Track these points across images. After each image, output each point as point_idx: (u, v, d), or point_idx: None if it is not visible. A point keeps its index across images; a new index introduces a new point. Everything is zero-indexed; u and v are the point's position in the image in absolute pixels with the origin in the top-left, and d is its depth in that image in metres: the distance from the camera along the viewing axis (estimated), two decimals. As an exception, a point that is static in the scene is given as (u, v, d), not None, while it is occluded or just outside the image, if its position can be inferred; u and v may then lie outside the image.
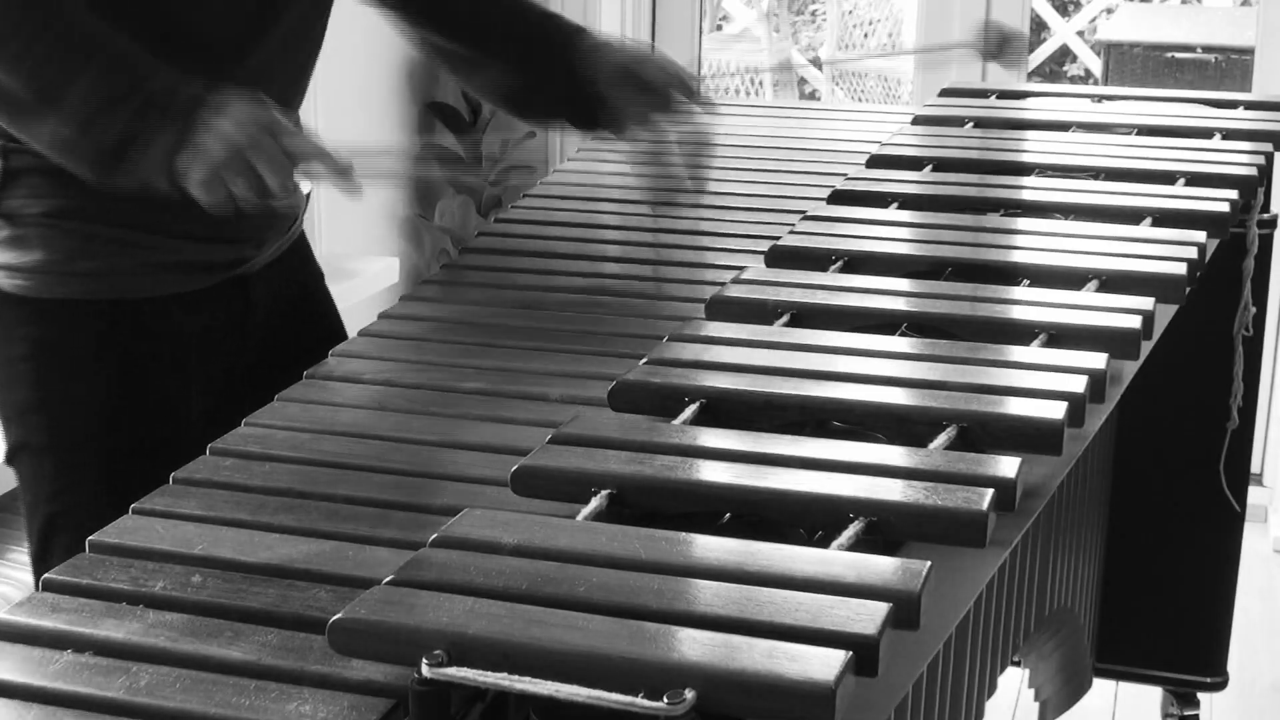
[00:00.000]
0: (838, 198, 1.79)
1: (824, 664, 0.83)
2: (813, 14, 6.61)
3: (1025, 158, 1.94)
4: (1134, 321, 1.38)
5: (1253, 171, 1.85)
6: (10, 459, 1.58)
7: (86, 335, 1.54)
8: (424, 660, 0.85)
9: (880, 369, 1.28)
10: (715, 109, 1.73)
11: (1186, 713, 2.39)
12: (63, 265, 1.52)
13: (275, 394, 1.39)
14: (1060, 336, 1.36)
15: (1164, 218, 1.68)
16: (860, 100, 5.74)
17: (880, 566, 0.95)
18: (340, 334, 1.72)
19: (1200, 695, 2.40)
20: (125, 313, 1.54)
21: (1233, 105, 2.16)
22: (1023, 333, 1.37)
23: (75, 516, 1.12)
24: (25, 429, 1.56)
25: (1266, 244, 2.13)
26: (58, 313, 1.53)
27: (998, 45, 1.75)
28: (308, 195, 2.82)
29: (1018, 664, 2.24)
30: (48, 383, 1.54)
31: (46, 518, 1.52)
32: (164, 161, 1.39)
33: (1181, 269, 1.51)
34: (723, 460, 1.12)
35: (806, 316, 1.43)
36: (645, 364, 1.29)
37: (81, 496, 1.16)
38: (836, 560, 0.97)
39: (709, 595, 0.91)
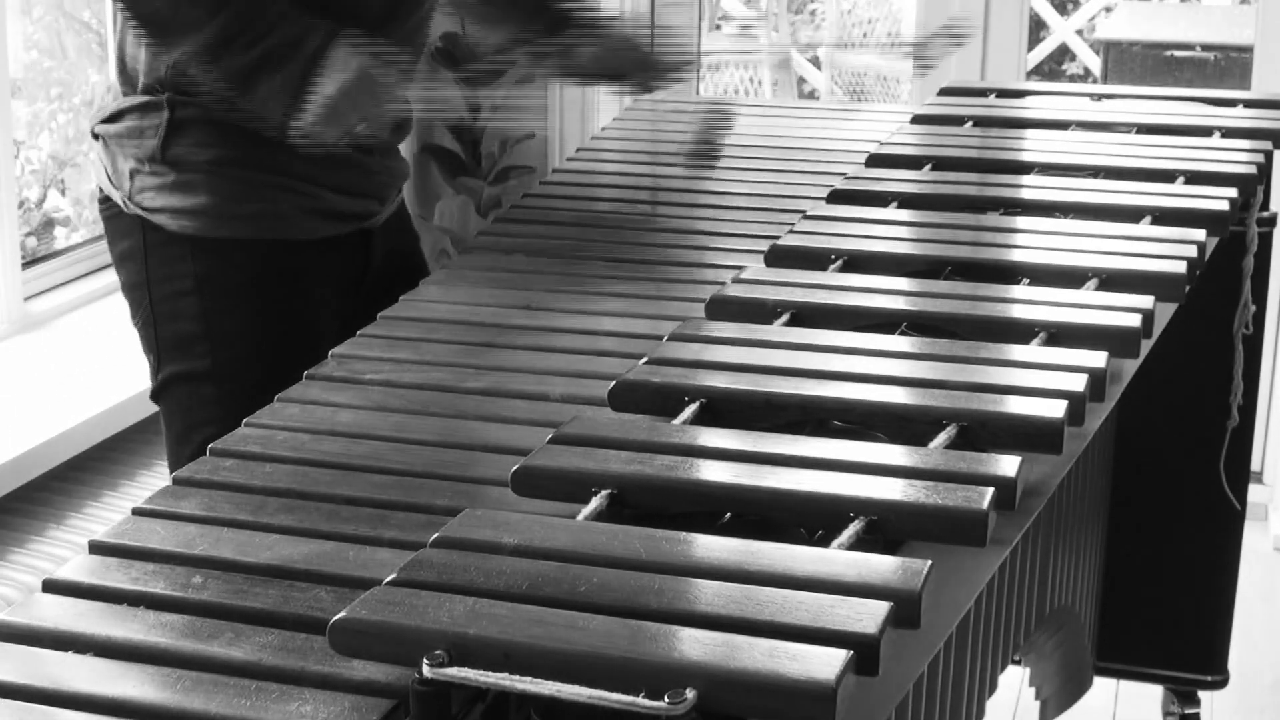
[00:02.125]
0: (837, 197, 1.79)
1: (825, 663, 0.83)
2: (812, 14, 6.61)
3: (1025, 156, 1.94)
4: (1134, 320, 1.38)
5: (1252, 170, 1.85)
6: (160, 392, 1.72)
7: (245, 272, 1.70)
8: (425, 660, 0.85)
9: (880, 368, 1.28)
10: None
11: (1187, 711, 2.39)
12: (225, 208, 1.67)
13: None
14: (1060, 335, 1.36)
15: (1163, 216, 1.68)
16: (859, 100, 5.74)
17: (880, 566, 0.95)
18: None
19: (1201, 693, 2.40)
20: (278, 253, 1.70)
21: (1232, 104, 2.16)
22: (1022, 331, 1.37)
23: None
24: (186, 358, 1.70)
25: (1266, 242, 2.13)
26: (220, 251, 1.68)
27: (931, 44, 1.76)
28: None
29: (1018, 663, 2.24)
30: (210, 315, 1.69)
31: (202, 441, 1.60)
32: (289, 96, 1.54)
33: (1181, 267, 1.51)
34: (723, 460, 1.12)
35: (806, 316, 1.43)
36: (645, 364, 1.29)
37: (236, 421, 1.32)
38: (837, 560, 0.97)
39: (709, 595, 0.91)
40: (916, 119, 2.14)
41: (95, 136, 1.74)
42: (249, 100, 1.57)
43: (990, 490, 1.04)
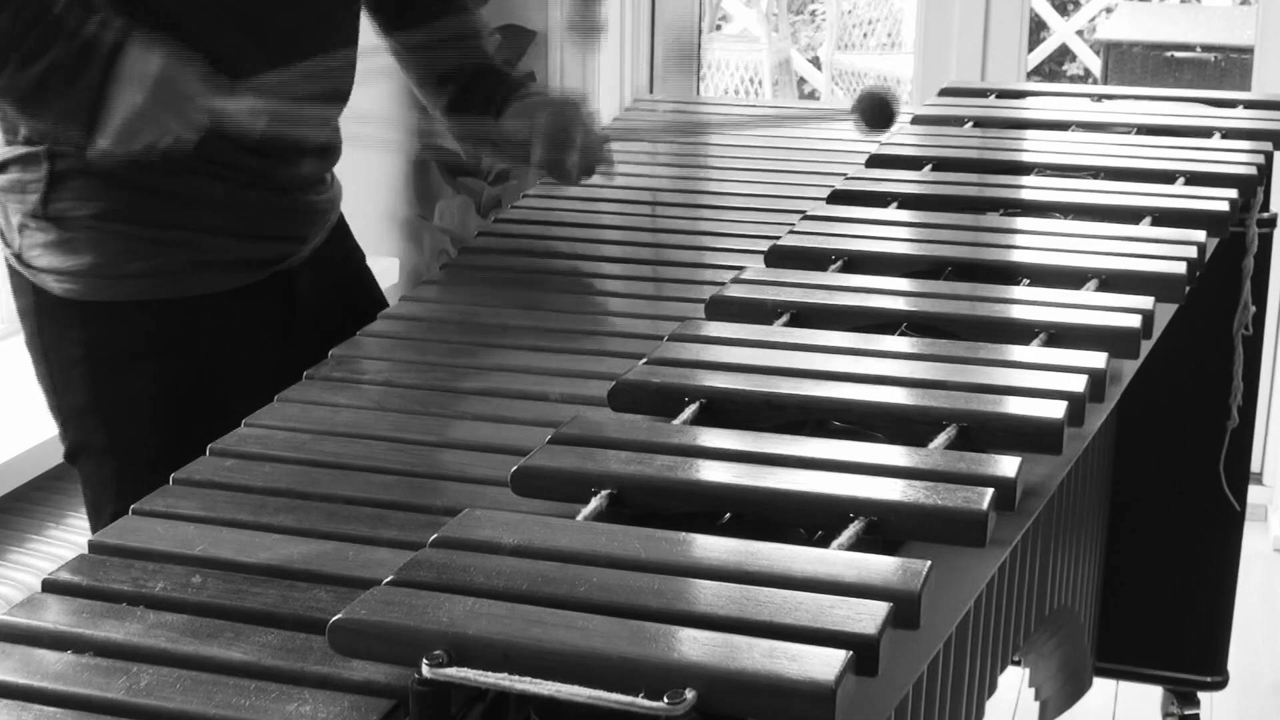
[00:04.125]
0: (837, 197, 1.79)
1: (824, 664, 0.83)
2: (812, 14, 6.61)
3: (1025, 157, 1.93)
4: (1134, 321, 1.38)
5: (1252, 170, 1.85)
6: (71, 459, 1.62)
7: (137, 335, 1.56)
8: (424, 661, 0.85)
9: (880, 369, 1.28)
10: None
11: (1187, 712, 2.39)
12: (111, 268, 1.54)
13: None
14: (1060, 336, 1.36)
15: (1164, 217, 1.68)
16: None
17: (880, 566, 0.95)
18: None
19: (1200, 694, 2.40)
20: (174, 311, 1.57)
21: (1232, 104, 2.16)
22: (1022, 332, 1.37)
23: None
24: (83, 431, 1.58)
25: (1266, 243, 2.13)
26: (108, 314, 1.55)
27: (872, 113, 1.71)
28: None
29: (1018, 663, 2.24)
30: (101, 385, 1.56)
31: (112, 517, 1.54)
32: (84, 111, 1.40)
33: (1181, 268, 1.51)
34: (723, 460, 1.12)
35: (806, 316, 1.43)
36: (645, 364, 1.29)
37: (139, 492, 1.21)
38: (836, 560, 0.97)
39: (709, 595, 0.91)
40: (917, 119, 2.14)
41: None
42: (43, 122, 1.45)
43: (990, 491, 1.04)
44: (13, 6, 1.39)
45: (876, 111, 1.67)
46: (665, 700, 0.81)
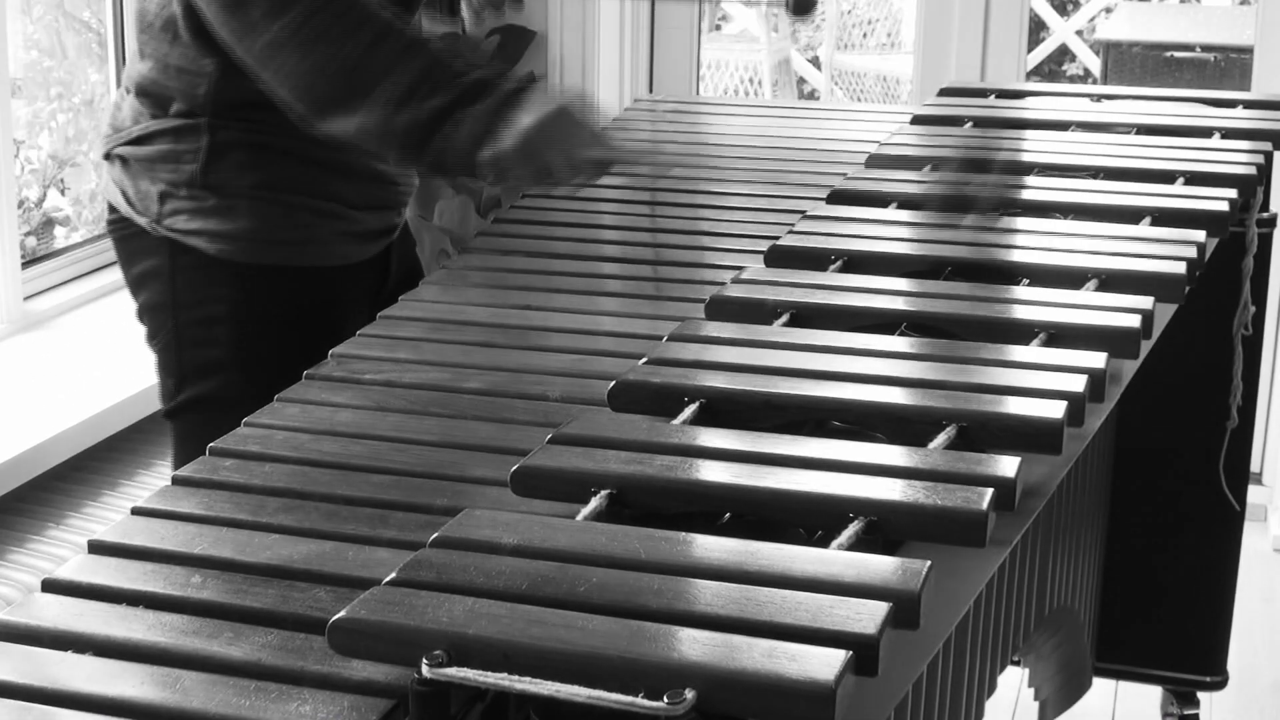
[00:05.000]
0: (837, 197, 1.79)
1: (824, 664, 0.83)
2: (812, 14, 6.60)
3: (1025, 157, 1.93)
4: (1133, 321, 1.38)
5: (1252, 170, 1.85)
6: (176, 413, 1.69)
7: (281, 300, 1.68)
8: (424, 660, 0.85)
9: (880, 369, 1.28)
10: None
11: (1186, 712, 2.39)
12: (266, 233, 1.65)
13: None
14: (1060, 336, 1.36)
15: (1163, 217, 1.68)
16: (860, 100, 5.74)
17: (880, 566, 0.95)
18: None
19: (1200, 694, 2.40)
20: (313, 280, 1.68)
21: (1232, 104, 2.16)
22: (1022, 332, 1.37)
23: None
24: (211, 385, 1.67)
25: (1266, 243, 2.13)
26: (257, 277, 1.66)
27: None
28: None
29: (1018, 663, 2.24)
30: (243, 342, 1.66)
31: None
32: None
33: (1181, 268, 1.51)
34: (723, 460, 1.12)
35: (806, 316, 1.43)
36: (645, 364, 1.29)
37: None
38: (836, 560, 0.97)
39: (709, 595, 0.91)
40: (916, 119, 2.14)
41: (109, 159, 1.71)
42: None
43: (990, 491, 1.04)
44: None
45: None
46: (665, 700, 0.81)
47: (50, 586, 1.04)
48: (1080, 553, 2.02)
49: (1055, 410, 1.19)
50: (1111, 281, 1.49)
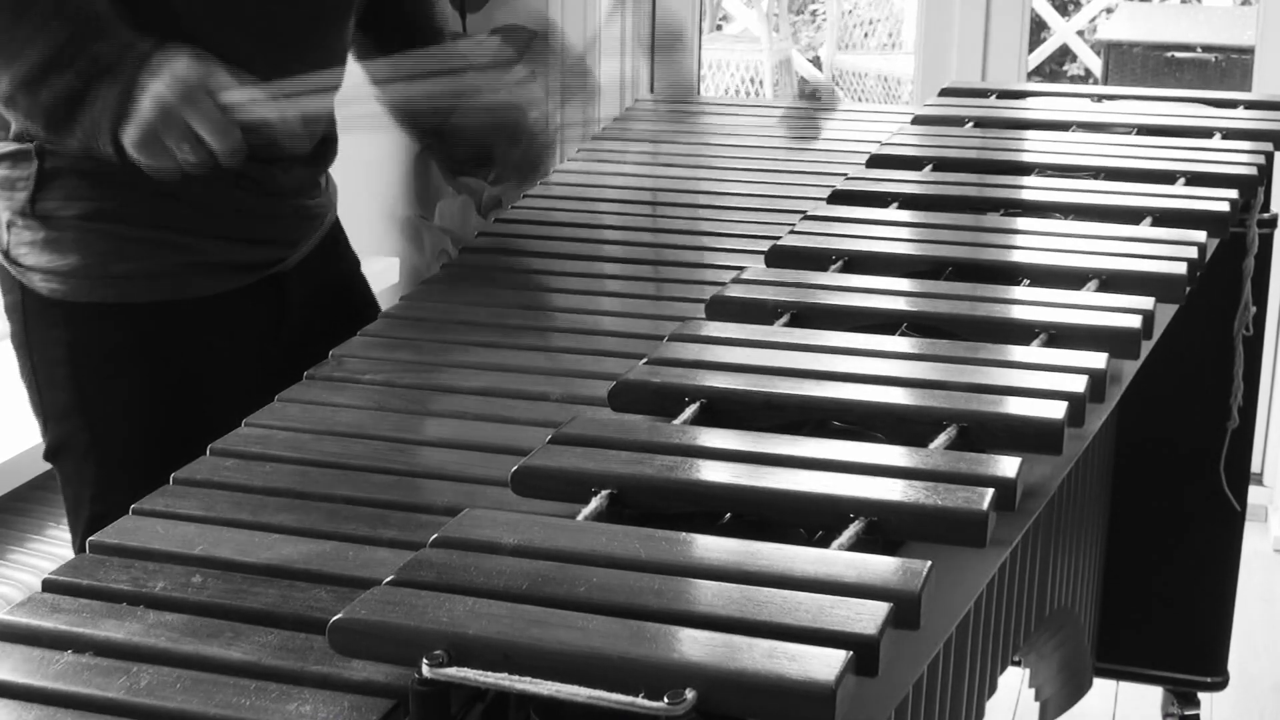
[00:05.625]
0: (838, 198, 1.79)
1: (824, 664, 0.83)
2: (813, 14, 6.61)
3: (1025, 157, 1.93)
4: (1134, 321, 1.38)
5: (1253, 171, 1.85)
6: (51, 457, 1.60)
7: (122, 338, 1.55)
8: (424, 660, 0.85)
9: (880, 369, 1.28)
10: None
11: (1187, 712, 2.39)
12: (97, 269, 1.53)
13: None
14: (1060, 336, 1.36)
15: (1164, 217, 1.68)
16: (860, 100, 5.74)
17: (880, 566, 0.95)
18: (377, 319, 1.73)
19: (1200, 695, 2.40)
20: (160, 316, 1.55)
21: (1233, 105, 2.16)
22: (1023, 332, 1.37)
23: (118, 516, 1.16)
24: (65, 430, 1.57)
25: (1266, 243, 2.13)
26: (93, 315, 1.54)
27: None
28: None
29: (1018, 664, 2.24)
30: (85, 385, 1.55)
31: (90, 518, 1.54)
32: (108, 122, 1.38)
33: (1181, 269, 1.51)
34: (723, 460, 1.12)
35: (806, 316, 1.43)
36: (645, 364, 1.29)
37: (123, 497, 1.19)
38: (836, 560, 0.97)
39: (709, 595, 0.91)
40: (917, 120, 2.14)
41: None
42: (71, 134, 1.41)
43: (990, 491, 1.04)
44: (44, 23, 1.38)
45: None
46: (665, 700, 0.81)
47: (50, 586, 1.04)
48: (1081, 553, 2.02)
49: (1056, 410, 1.19)
50: (1112, 282, 1.49)
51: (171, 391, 1.56)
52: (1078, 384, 1.23)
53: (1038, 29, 4.89)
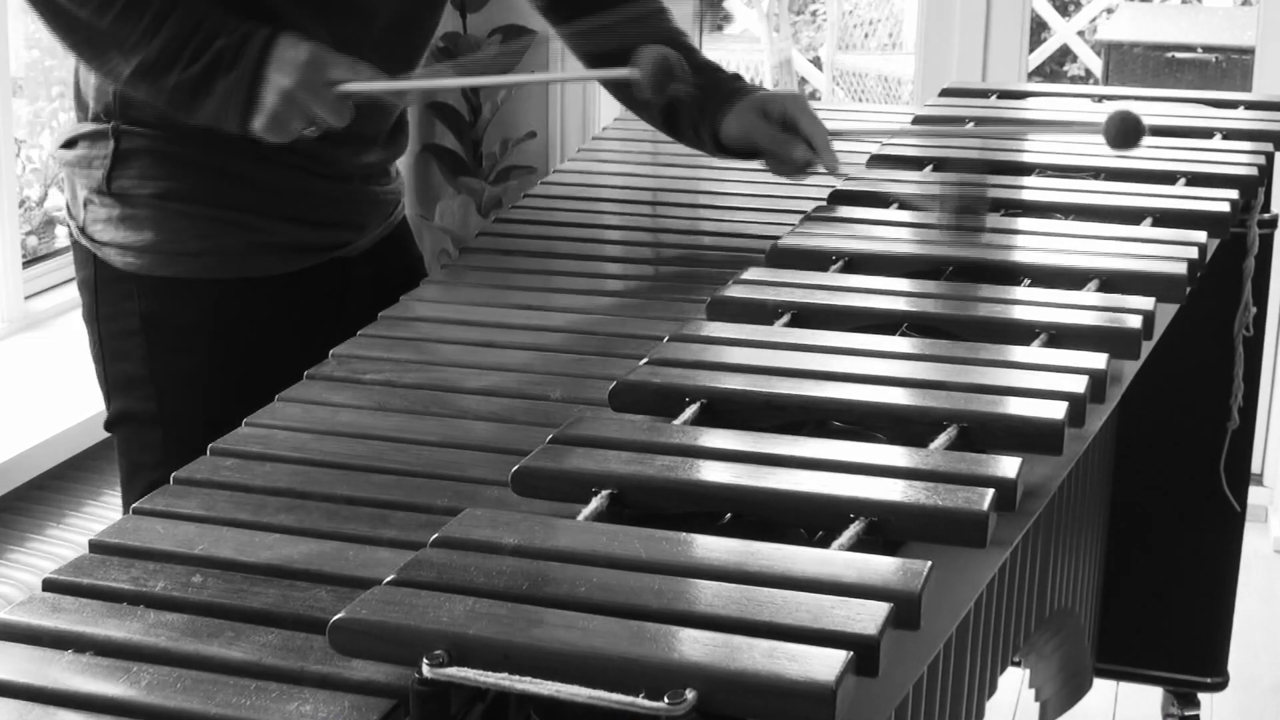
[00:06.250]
0: (838, 197, 1.79)
1: (825, 664, 0.83)
2: (813, 14, 6.61)
3: (1026, 158, 1.93)
4: (1134, 321, 1.38)
5: (1253, 171, 1.85)
6: (111, 426, 1.67)
7: (193, 312, 1.62)
8: (424, 660, 0.85)
9: (880, 369, 1.28)
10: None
11: (1187, 713, 2.39)
12: (170, 245, 1.60)
13: None
14: (1060, 336, 1.36)
15: (1164, 218, 1.68)
16: (860, 100, 5.74)
17: (881, 566, 0.95)
18: None
19: (1200, 695, 2.40)
20: (230, 291, 1.62)
21: (1233, 105, 2.16)
22: (1023, 333, 1.37)
23: None
24: (132, 400, 1.63)
25: (1267, 244, 2.13)
26: (165, 290, 1.61)
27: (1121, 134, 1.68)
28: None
29: (1018, 664, 2.24)
30: (155, 357, 1.62)
31: (148, 484, 1.55)
32: (235, 110, 1.47)
33: (1182, 269, 1.51)
34: (723, 460, 1.12)
35: (806, 316, 1.43)
36: (645, 364, 1.29)
37: (184, 464, 1.24)
38: (837, 560, 0.97)
39: (709, 595, 0.91)
40: (918, 120, 2.14)
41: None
42: (197, 118, 1.50)
43: (990, 491, 1.04)
44: (174, 19, 1.46)
45: (1125, 132, 1.66)
46: (665, 700, 0.81)
47: (50, 586, 1.04)
48: (1081, 553, 2.02)
49: (1056, 411, 1.19)
50: (1113, 282, 1.49)
51: (237, 366, 1.61)
52: (1078, 384, 1.23)
53: (1038, 29, 4.89)
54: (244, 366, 1.61)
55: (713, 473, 1.10)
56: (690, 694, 0.81)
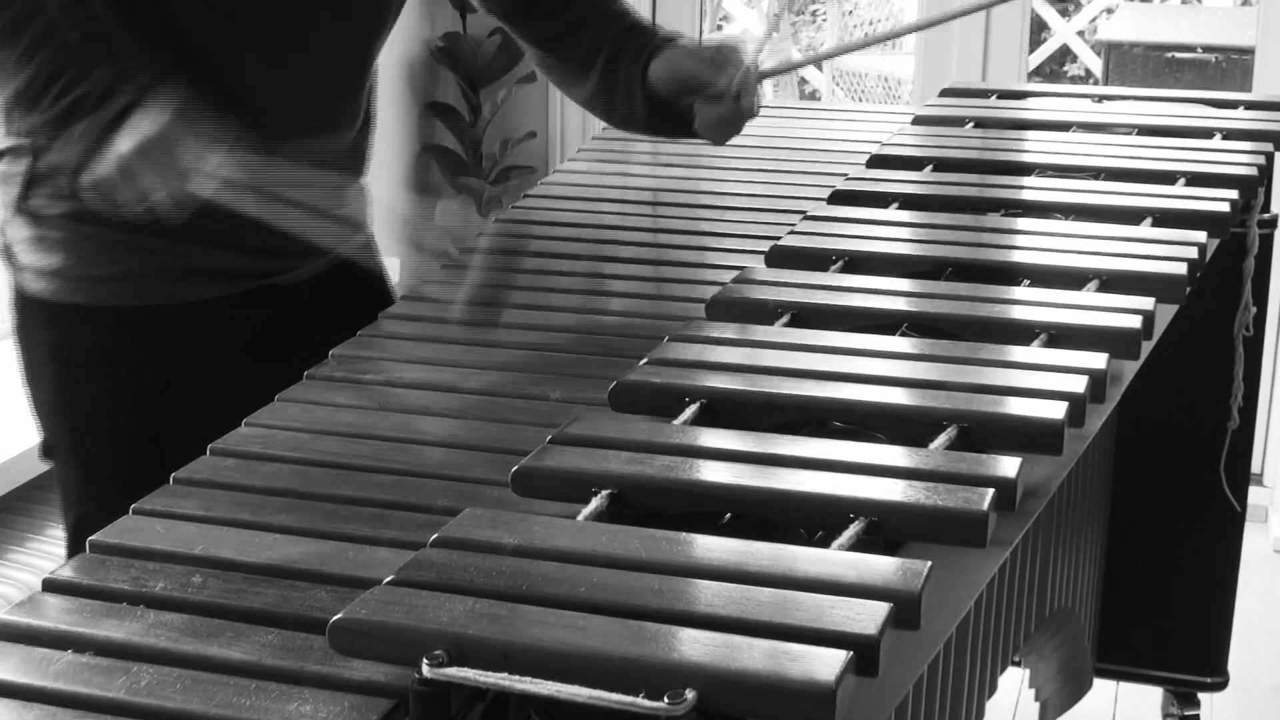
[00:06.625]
0: (838, 198, 1.79)
1: (824, 664, 0.83)
2: (813, 14, 6.61)
3: (1025, 158, 1.93)
4: (1134, 321, 1.38)
5: (1253, 171, 1.85)
6: (45, 455, 1.60)
7: (104, 341, 1.53)
8: (424, 660, 0.85)
9: (880, 369, 1.28)
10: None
11: (1187, 713, 2.39)
12: (81, 269, 1.51)
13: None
14: (1060, 336, 1.36)
15: (1164, 218, 1.68)
16: (860, 100, 5.74)
17: (880, 566, 0.95)
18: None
19: (1200, 695, 2.40)
20: (145, 318, 1.53)
21: (1233, 105, 2.16)
22: (1023, 333, 1.37)
23: (103, 518, 1.13)
24: (53, 430, 1.57)
25: (1267, 244, 2.13)
26: (74, 317, 1.52)
27: None
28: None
29: (1018, 664, 2.24)
30: (68, 386, 1.53)
31: (77, 518, 1.54)
32: (73, 160, 1.36)
33: (1182, 269, 1.51)
34: (723, 460, 1.12)
35: (806, 316, 1.43)
36: (645, 364, 1.29)
37: (107, 499, 1.18)
38: (837, 560, 0.97)
39: (709, 595, 0.91)
40: (918, 120, 2.14)
41: None
42: (52, 151, 1.41)
43: (990, 491, 1.04)
44: (46, 39, 1.37)
45: None
46: (665, 700, 0.81)
47: (50, 586, 1.04)
48: (1081, 553, 2.02)
49: (1056, 411, 1.19)
50: (1112, 282, 1.49)
51: (155, 397, 1.53)
52: (1078, 384, 1.23)
53: (1038, 29, 4.88)
54: (163, 397, 1.53)
55: (713, 473, 1.10)
56: (690, 694, 0.81)
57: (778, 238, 1.63)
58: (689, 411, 1.22)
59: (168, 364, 1.54)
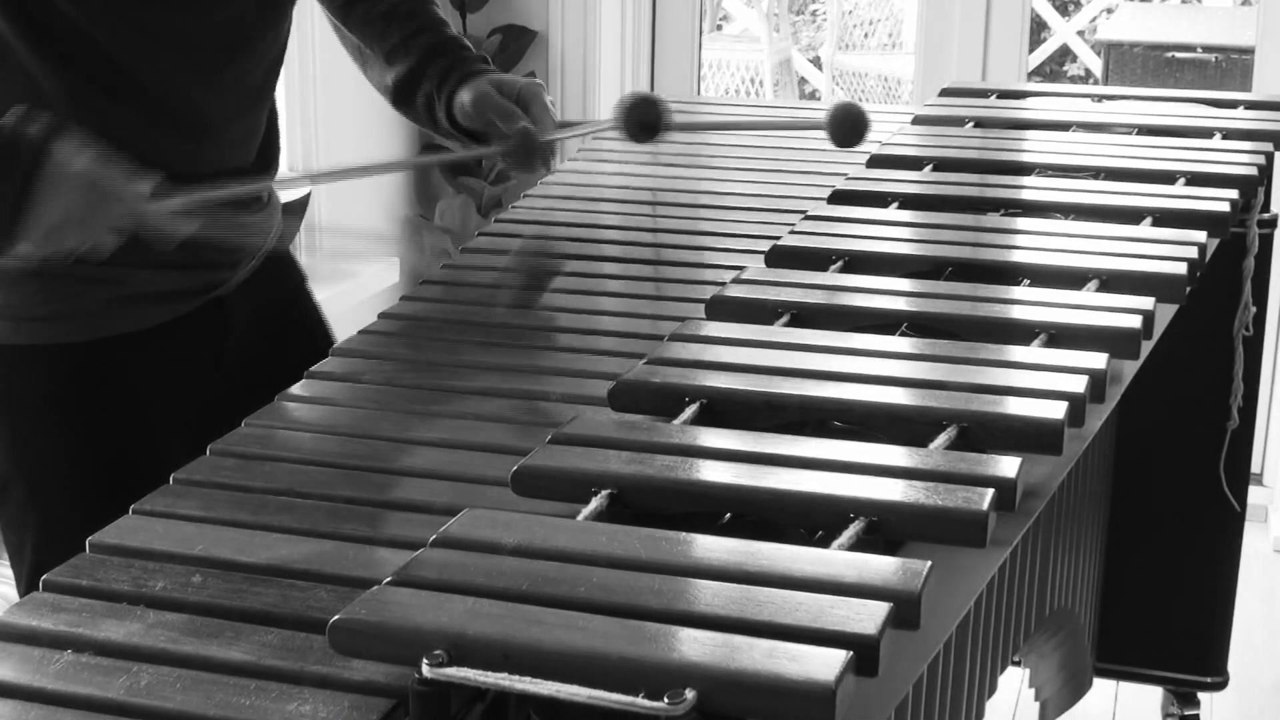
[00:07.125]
0: (838, 198, 1.79)
1: (824, 664, 0.83)
2: (813, 14, 6.61)
3: (1025, 158, 1.93)
4: (1134, 321, 1.38)
5: (1253, 171, 1.85)
6: None
7: (54, 382, 1.48)
8: (424, 660, 0.85)
9: (880, 369, 1.28)
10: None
11: (1187, 713, 2.39)
12: (17, 310, 1.46)
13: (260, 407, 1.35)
14: (1060, 336, 1.36)
15: (1164, 217, 1.68)
16: (861, 100, 5.74)
17: (880, 566, 0.95)
18: (325, 336, 1.67)
19: (1200, 695, 2.40)
20: (90, 356, 1.47)
21: (1233, 105, 2.16)
22: (1023, 333, 1.37)
23: (64, 559, 1.10)
24: (4, 478, 1.50)
25: (1267, 244, 2.13)
26: (21, 359, 1.47)
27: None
28: (306, 196, 2.81)
29: (1018, 664, 2.24)
30: (18, 433, 1.48)
31: (32, 565, 1.48)
32: (5, 208, 1.28)
33: (1182, 269, 1.51)
34: (723, 460, 1.12)
35: (806, 316, 1.43)
36: (645, 364, 1.29)
37: (62, 541, 1.13)
38: (837, 560, 0.97)
39: (709, 595, 0.91)
40: (917, 120, 2.14)
41: None
42: None
43: (990, 491, 1.04)
44: None
45: (848, 126, 1.57)
46: (665, 700, 0.81)
47: (50, 586, 1.04)
48: (1081, 553, 2.02)
49: (1056, 411, 1.19)
50: (1112, 282, 1.49)
51: (112, 431, 1.48)
52: (1078, 384, 1.23)
53: (1038, 29, 4.88)
54: (120, 430, 1.48)
55: (713, 473, 1.10)
56: (690, 694, 0.81)
57: (778, 238, 1.63)
58: (689, 411, 1.22)
59: (120, 397, 1.49)
